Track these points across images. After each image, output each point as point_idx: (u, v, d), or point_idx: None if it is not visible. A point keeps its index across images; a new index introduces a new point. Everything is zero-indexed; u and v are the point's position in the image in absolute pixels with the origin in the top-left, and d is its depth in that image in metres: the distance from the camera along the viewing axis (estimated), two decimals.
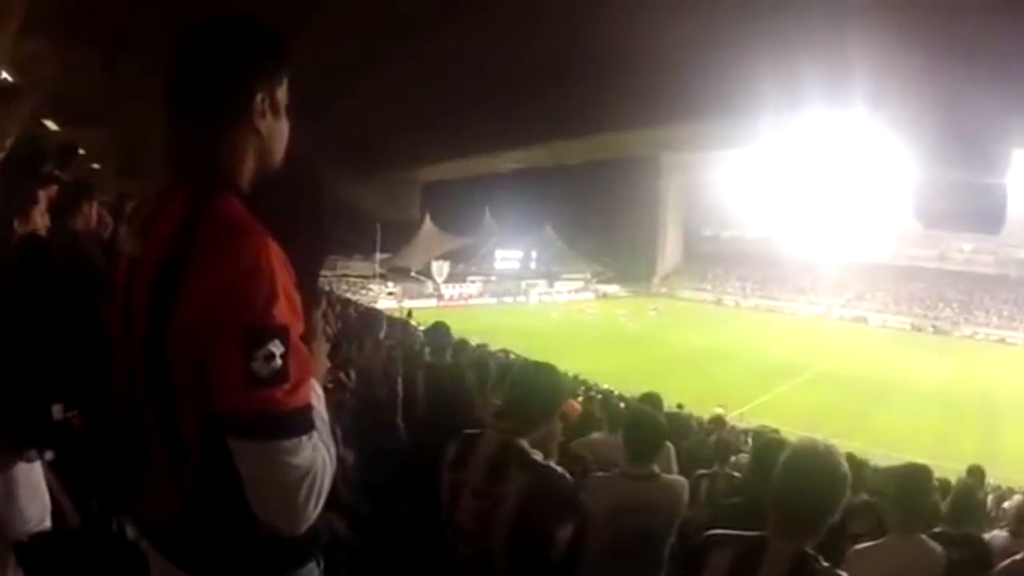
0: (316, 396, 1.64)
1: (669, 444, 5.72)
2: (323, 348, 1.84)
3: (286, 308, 1.47)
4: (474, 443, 2.99)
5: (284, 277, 1.49)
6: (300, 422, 1.50)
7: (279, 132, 1.72)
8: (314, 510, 1.51)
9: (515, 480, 2.80)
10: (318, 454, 1.52)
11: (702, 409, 20.37)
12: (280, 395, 1.45)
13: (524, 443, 2.91)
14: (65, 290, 2.66)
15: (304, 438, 1.49)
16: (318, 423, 1.58)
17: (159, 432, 1.59)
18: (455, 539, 2.93)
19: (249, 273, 1.45)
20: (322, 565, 1.82)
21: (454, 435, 3.23)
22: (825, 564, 2.24)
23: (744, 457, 8.00)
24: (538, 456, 2.90)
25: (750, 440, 11.33)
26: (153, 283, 1.53)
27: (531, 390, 3.03)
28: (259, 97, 1.63)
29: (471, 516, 2.86)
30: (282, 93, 1.71)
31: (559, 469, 2.90)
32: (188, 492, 1.59)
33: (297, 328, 1.51)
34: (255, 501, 1.49)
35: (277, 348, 1.44)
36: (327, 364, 1.86)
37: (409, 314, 24.95)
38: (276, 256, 1.49)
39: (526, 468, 2.82)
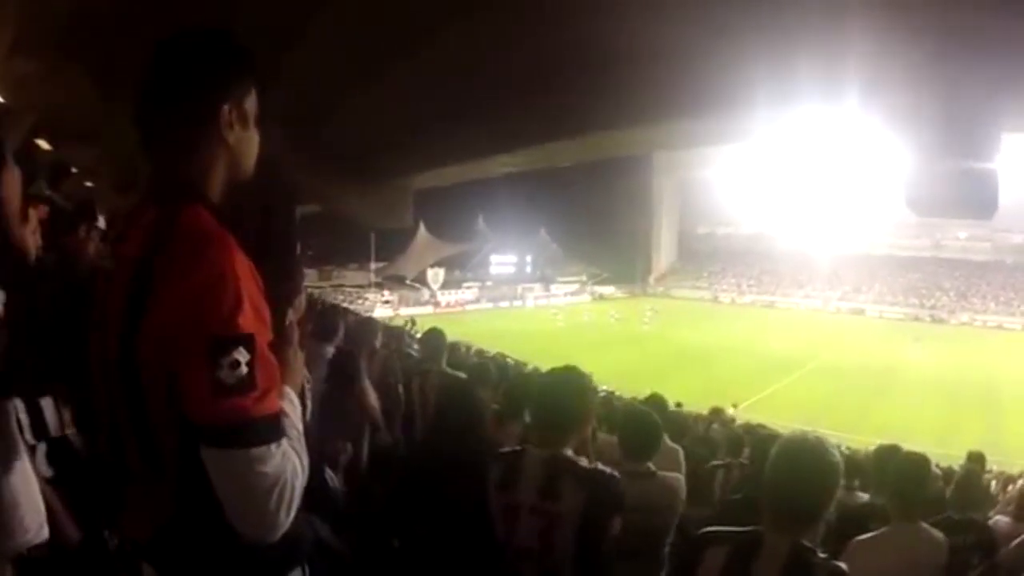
0: (291, 405, 1.66)
1: (678, 447, 5.73)
2: (299, 357, 1.83)
3: (251, 316, 1.48)
4: (519, 462, 2.94)
5: (250, 285, 1.50)
6: (268, 430, 1.50)
7: (249, 143, 1.73)
8: (286, 518, 1.51)
9: (572, 493, 2.77)
10: (288, 462, 1.52)
11: (704, 407, 20.38)
12: (248, 403, 1.46)
13: (570, 453, 2.89)
14: (54, 307, 2.65)
15: (273, 446, 1.49)
16: (291, 432, 1.59)
17: (136, 443, 1.60)
18: (517, 560, 2.89)
19: (213, 282, 1.45)
20: (307, 572, 1.83)
21: (462, 448, 3.22)
22: (823, 556, 2.23)
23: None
24: (585, 462, 2.88)
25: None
26: (124, 295, 1.54)
27: (563, 399, 3.00)
28: (226, 108, 1.64)
29: (532, 535, 2.83)
30: (251, 103, 1.72)
31: (608, 470, 2.88)
32: (168, 502, 1.60)
33: (264, 335, 1.52)
34: (228, 509, 1.49)
35: (243, 356, 1.45)
36: (303, 373, 1.85)
37: (412, 322, 24.95)
38: (241, 264, 1.50)
39: (580, 479, 2.80)
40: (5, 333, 2.40)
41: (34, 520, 2.54)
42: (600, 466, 2.90)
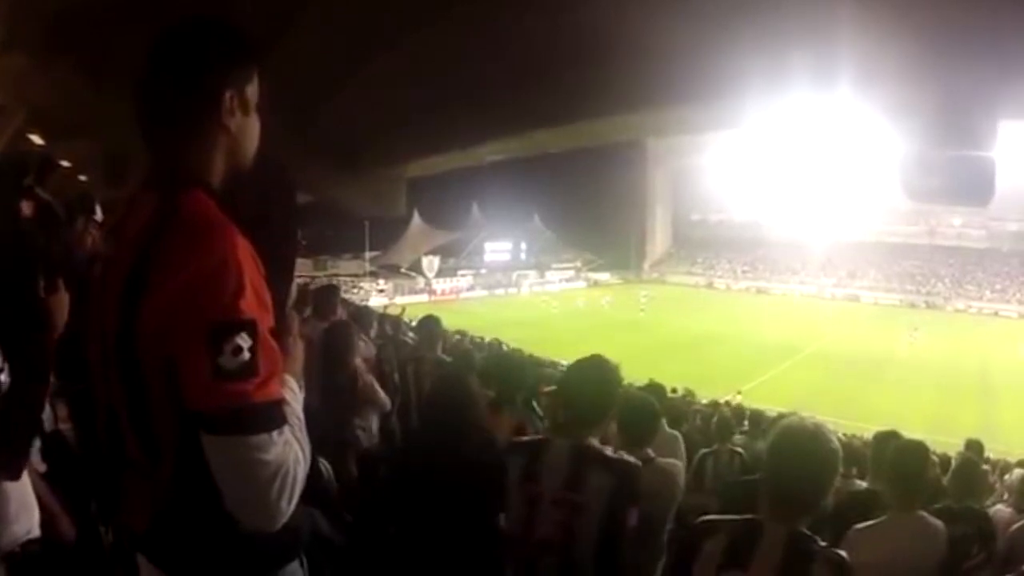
0: (291, 393, 1.65)
1: (678, 434, 5.74)
2: (299, 345, 1.82)
3: (254, 302, 1.47)
4: (543, 451, 2.90)
5: (252, 271, 1.49)
6: (270, 416, 1.48)
7: (249, 129, 1.72)
8: (288, 506, 1.50)
9: (597, 483, 2.74)
10: (290, 449, 1.51)
11: (700, 394, 20.41)
12: (249, 389, 1.44)
13: (596, 443, 2.87)
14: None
15: (275, 433, 1.48)
16: (292, 420, 1.57)
17: (134, 431, 1.59)
18: (536, 552, 2.84)
19: (216, 267, 1.44)
20: (306, 564, 1.82)
21: (456, 437, 3.18)
22: (823, 544, 2.22)
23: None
24: (611, 452, 2.85)
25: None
26: (123, 281, 1.52)
27: (591, 388, 2.97)
28: (228, 95, 1.63)
29: (554, 526, 2.78)
30: (252, 91, 1.71)
31: (632, 459, 2.84)
32: (166, 491, 1.58)
33: (266, 322, 1.50)
34: (228, 498, 1.48)
35: (244, 341, 1.43)
36: (302, 361, 1.84)
37: (402, 311, 24.91)
38: (244, 250, 1.49)
39: (607, 468, 2.76)
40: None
41: (25, 517, 2.52)
42: (624, 455, 2.86)
